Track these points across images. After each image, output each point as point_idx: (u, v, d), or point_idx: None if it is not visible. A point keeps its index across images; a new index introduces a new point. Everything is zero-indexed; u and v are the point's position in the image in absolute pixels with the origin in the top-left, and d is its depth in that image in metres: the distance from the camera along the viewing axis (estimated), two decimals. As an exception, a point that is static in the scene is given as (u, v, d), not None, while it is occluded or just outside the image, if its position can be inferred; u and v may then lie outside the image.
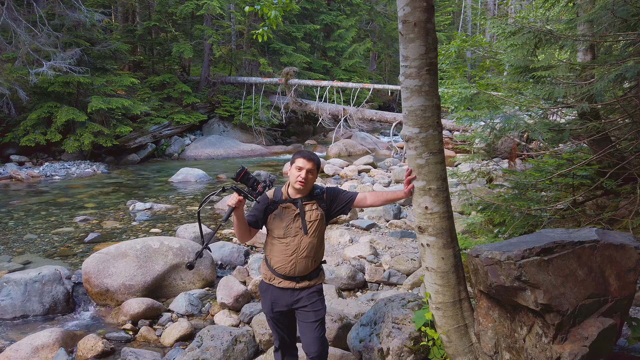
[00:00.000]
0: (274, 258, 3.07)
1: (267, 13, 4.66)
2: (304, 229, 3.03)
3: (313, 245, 3.04)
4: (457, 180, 6.20)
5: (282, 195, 3.08)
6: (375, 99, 22.11)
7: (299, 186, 2.97)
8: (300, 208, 3.02)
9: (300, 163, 2.99)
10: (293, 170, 3.01)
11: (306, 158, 3.01)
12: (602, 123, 4.51)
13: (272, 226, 3.05)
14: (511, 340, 2.74)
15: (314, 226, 3.04)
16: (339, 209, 3.18)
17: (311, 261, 3.07)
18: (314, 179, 3.07)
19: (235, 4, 20.56)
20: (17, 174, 12.90)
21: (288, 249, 3.02)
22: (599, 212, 4.63)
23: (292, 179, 3.02)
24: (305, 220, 3.03)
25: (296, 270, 3.03)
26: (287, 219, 3.02)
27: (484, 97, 5.20)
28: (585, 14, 4.67)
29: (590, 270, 2.57)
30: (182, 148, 17.87)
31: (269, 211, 3.06)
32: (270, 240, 3.09)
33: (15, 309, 4.91)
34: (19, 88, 13.74)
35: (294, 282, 3.06)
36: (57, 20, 15.19)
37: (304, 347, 3.10)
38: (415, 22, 2.75)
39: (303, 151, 3.09)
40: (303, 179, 2.96)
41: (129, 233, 7.88)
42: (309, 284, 3.09)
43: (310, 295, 3.09)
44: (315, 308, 3.09)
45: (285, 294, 3.06)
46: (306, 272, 3.07)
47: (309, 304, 3.08)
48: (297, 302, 3.07)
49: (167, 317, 4.88)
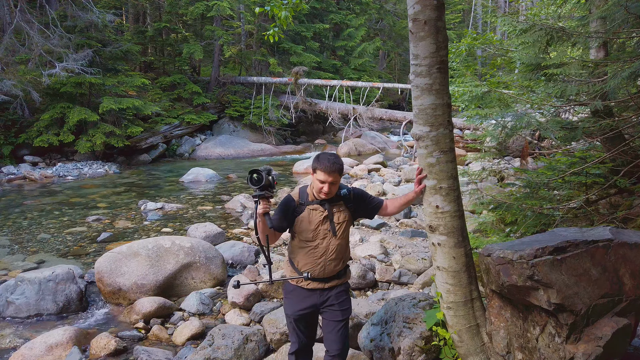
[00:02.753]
0: (301, 261, 3.01)
1: (278, 14, 4.67)
2: (333, 231, 2.96)
3: (341, 246, 3.00)
4: (468, 179, 6.16)
5: (308, 196, 2.99)
6: (384, 98, 22.08)
7: (323, 196, 2.91)
8: (329, 210, 2.95)
9: (322, 177, 2.87)
10: (315, 181, 2.91)
11: (327, 172, 2.85)
12: (616, 121, 4.45)
13: (299, 229, 2.97)
14: (524, 340, 2.72)
15: (342, 228, 2.99)
16: (364, 213, 3.14)
17: (339, 262, 3.03)
18: (338, 184, 2.97)
19: (245, 4, 20.62)
20: (31, 174, 13.06)
21: (316, 252, 2.96)
22: (612, 211, 4.57)
23: (315, 189, 2.94)
24: (334, 223, 2.96)
25: (325, 271, 2.99)
26: (315, 221, 2.94)
27: (495, 95, 5.17)
28: (597, 10, 4.61)
29: (604, 270, 2.55)
30: (193, 148, 17.97)
31: (296, 214, 2.98)
32: (297, 243, 3.02)
33: (29, 308, 4.97)
34: (32, 89, 13.92)
35: (322, 283, 3.02)
36: (69, 22, 15.37)
37: (326, 344, 3.09)
38: (426, 20, 2.74)
39: (323, 159, 2.90)
40: (327, 193, 2.89)
41: (141, 232, 7.95)
42: (337, 283, 3.06)
43: (338, 294, 3.06)
44: (343, 307, 3.06)
45: (314, 294, 3.03)
46: (334, 273, 3.03)
47: (337, 303, 3.05)
48: (325, 301, 3.04)
49: (178, 316, 4.91)
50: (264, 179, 2.67)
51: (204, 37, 20.71)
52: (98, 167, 14.46)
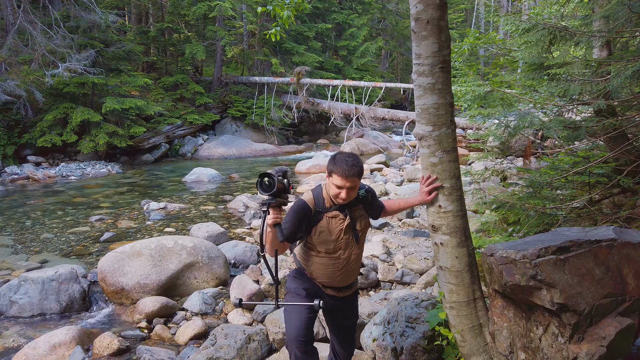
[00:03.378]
0: (317, 271, 2.74)
1: (280, 13, 4.67)
2: (356, 239, 2.68)
3: (361, 253, 2.82)
4: (471, 179, 6.15)
5: (324, 201, 2.64)
6: (387, 98, 22.08)
7: (341, 201, 2.59)
8: (351, 217, 2.65)
9: (339, 181, 2.52)
10: (331, 186, 2.58)
11: (345, 176, 2.49)
12: (619, 120, 4.43)
13: (318, 241, 2.64)
14: (527, 340, 2.71)
15: (364, 234, 2.76)
16: (371, 214, 2.92)
17: (358, 270, 2.89)
18: (357, 189, 2.63)
19: (247, 4, 20.64)
20: (34, 174, 13.10)
21: (338, 263, 2.70)
22: (615, 211, 4.55)
23: (332, 194, 2.59)
24: (357, 231, 2.68)
25: (343, 281, 2.80)
26: (335, 231, 2.62)
27: (497, 94, 5.15)
28: (601, 9, 4.59)
29: (608, 270, 2.54)
30: (195, 148, 18.00)
31: (312, 223, 2.62)
32: (315, 254, 2.71)
33: (33, 307, 4.99)
34: (35, 90, 13.97)
35: (337, 292, 2.84)
36: (72, 22, 15.42)
37: (336, 346, 3.02)
38: (428, 19, 2.74)
39: (340, 161, 2.52)
40: (345, 199, 2.56)
41: (144, 232, 7.96)
42: (350, 293, 2.94)
43: (352, 301, 2.98)
44: (353, 313, 3.02)
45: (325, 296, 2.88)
46: (352, 281, 2.88)
47: (350, 309, 2.96)
48: (336, 307, 2.90)
49: (181, 315, 4.92)
50: (276, 183, 2.30)
51: (206, 37, 20.75)
52: (101, 167, 14.49)
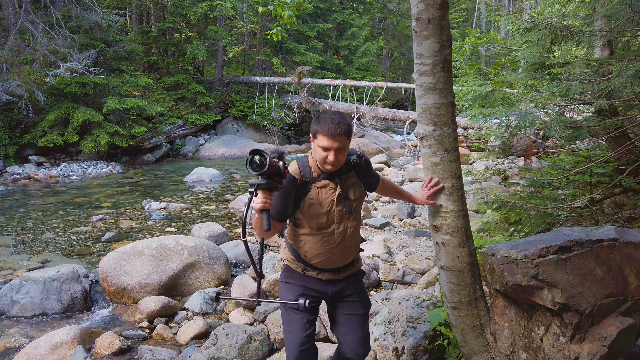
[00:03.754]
0: (311, 251, 2.44)
1: (281, 13, 4.67)
2: (349, 211, 2.40)
3: (358, 227, 2.52)
4: (472, 179, 6.15)
5: (311, 170, 2.38)
6: (388, 98, 22.07)
7: (329, 167, 2.32)
8: (342, 185, 2.38)
9: (324, 142, 2.26)
10: (317, 149, 2.31)
11: (331, 135, 2.24)
12: (620, 120, 4.43)
13: (308, 215, 2.37)
14: (528, 339, 2.71)
15: (359, 205, 2.46)
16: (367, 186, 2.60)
17: (357, 246, 2.56)
18: (347, 151, 2.35)
19: (248, 4, 20.65)
20: (35, 174, 13.11)
21: (333, 239, 2.41)
22: (617, 210, 4.55)
23: (318, 159, 2.33)
24: (349, 200, 2.40)
25: (341, 260, 2.48)
26: (326, 202, 2.36)
27: (498, 94, 5.15)
28: (602, 9, 4.59)
29: (609, 269, 2.53)
30: (196, 148, 18.02)
31: (300, 195, 2.36)
32: (306, 231, 2.43)
33: (34, 307, 4.99)
34: (37, 90, 13.98)
35: (335, 274, 2.52)
36: (74, 23, 15.44)
37: (346, 347, 2.56)
38: (429, 19, 2.73)
39: (325, 119, 2.28)
40: (333, 162, 2.29)
41: (145, 232, 7.97)
42: (352, 272, 2.59)
43: (357, 282, 2.58)
44: (363, 297, 2.58)
45: (324, 285, 2.53)
46: (351, 259, 2.55)
47: (356, 293, 2.54)
48: (340, 291, 2.53)
49: (182, 315, 4.92)
50: (268, 163, 2.04)
51: (207, 37, 20.75)
52: (102, 167, 14.51)
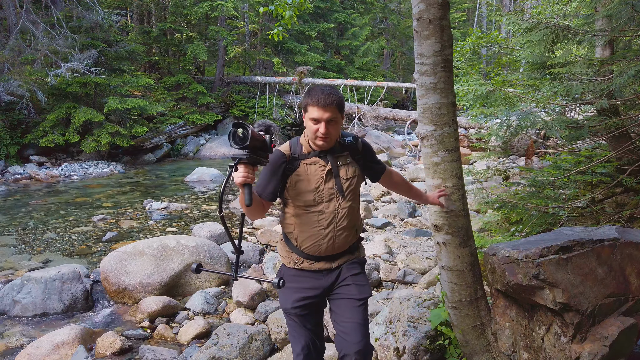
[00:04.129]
0: (301, 234, 2.34)
1: (282, 13, 4.67)
2: (340, 190, 2.29)
3: (353, 210, 2.37)
4: (473, 178, 6.16)
5: (302, 148, 2.32)
6: (389, 97, 22.07)
7: (321, 142, 2.24)
8: (332, 162, 2.29)
9: (315, 113, 2.19)
10: (308, 123, 2.24)
11: (321, 106, 2.17)
12: (622, 119, 4.43)
13: (295, 192, 2.29)
14: (529, 339, 2.71)
15: (351, 185, 2.34)
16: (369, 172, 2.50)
17: (352, 231, 2.39)
18: (339, 124, 2.27)
19: (249, 4, 20.66)
20: (37, 174, 13.13)
21: (322, 219, 2.30)
22: (618, 210, 4.55)
23: (309, 134, 2.26)
24: (340, 179, 2.30)
25: (335, 246, 2.34)
26: (315, 179, 2.28)
27: (499, 94, 5.16)
28: (603, 8, 4.58)
29: (610, 269, 2.53)
30: (197, 148, 18.03)
31: (288, 172, 2.29)
32: (294, 211, 2.34)
33: (35, 307, 5.00)
34: (38, 90, 13.99)
35: (330, 262, 2.38)
36: (75, 23, 15.47)
37: (342, 341, 2.33)
38: (430, 19, 2.73)
39: (316, 91, 2.22)
40: (324, 135, 2.21)
41: (146, 232, 7.97)
42: (349, 259, 2.42)
43: (351, 265, 2.40)
44: (359, 282, 2.39)
45: (319, 277, 2.39)
46: (346, 247, 2.39)
47: (350, 276, 2.38)
48: (334, 282, 2.39)
49: (183, 315, 4.92)
50: (250, 136, 1.92)
51: (208, 37, 20.77)
52: (103, 166, 14.52)
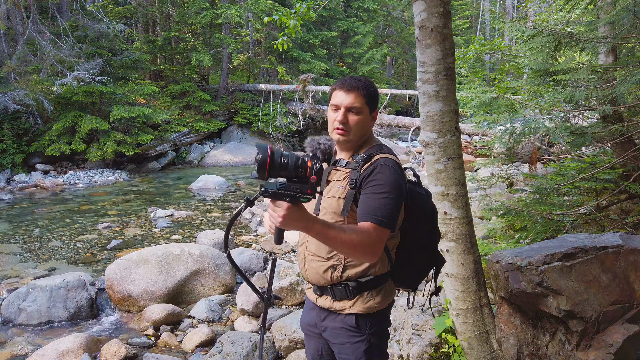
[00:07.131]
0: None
1: (286, 22, 4.71)
2: (316, 207, 1.89)
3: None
4: (477, 185, 6.14)
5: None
6: (392, 104, 22.07)
7: (337, 137, 1.88)
8: (326, 174, 1.91)
9: (337, 98, 1.86)
10: (329, 114, 1.92)
11: (344, 89, 1.85)
12: (626, 126, 4.42)
13: None
14: (534, 347, 2.70)
15: (331, 207, 1.85)
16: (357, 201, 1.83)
17: (327, 266, 1.87)
18: (363, 120, 1.87)
19: (254, 12, 20.80)
20: (42, 182, 13.21)
21: (302, 235, 1.94)
22: (623, 217, 4.53)
23: (329, 126, 1.92)
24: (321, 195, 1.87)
25: (306, 272, 1.95)
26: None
27: (503, 101, 5.16)
28: (606, 15, 4.59)
29: (614, 276, 2.53)
30: (202, 155, 18.09)
31: None
32: None
33: (40, 315, 5.02)
34: (44, 99, 14.12)
35: (314, 294, 2.00)
36: (81, 32, 15.63)
37: None
38: (432, 27, 2.76)
39: (345, 78, 1.91)
40: (341, 125, 1.85)
41: (150, 240, 8.00)
42: (331, 307, 1.92)
43: (336, 331, 1.91)
44: (342, 355, 1.92)
45: (313, 306, 2.04)
46: (320, 282, 1.91)
47: (335, 344, 1.93)
48: (324, 331, 1.98)
49: (187, 322, 4.93)
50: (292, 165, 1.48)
51: (212, 45, 20.90)
52: (108, 174, 14.59)
